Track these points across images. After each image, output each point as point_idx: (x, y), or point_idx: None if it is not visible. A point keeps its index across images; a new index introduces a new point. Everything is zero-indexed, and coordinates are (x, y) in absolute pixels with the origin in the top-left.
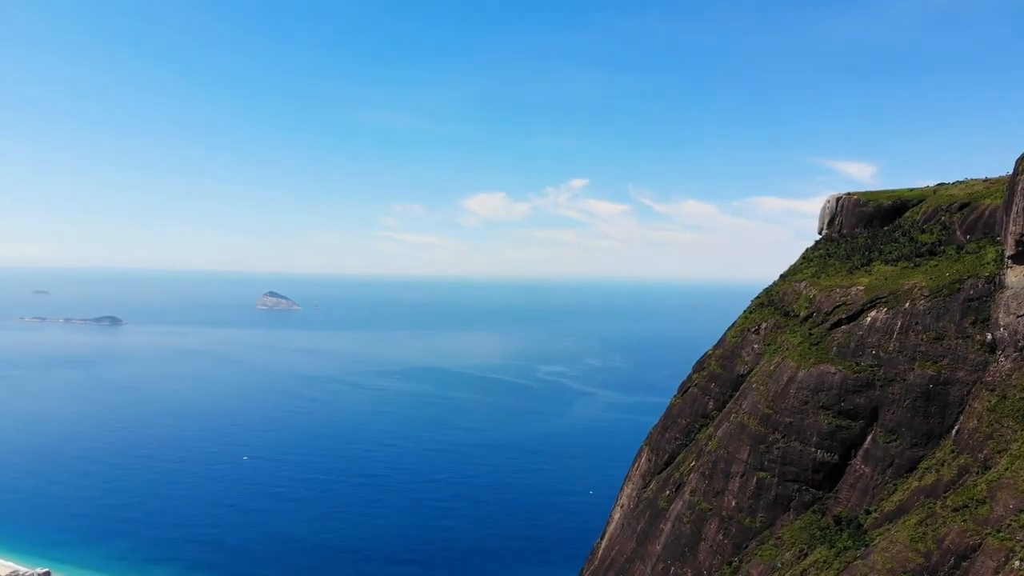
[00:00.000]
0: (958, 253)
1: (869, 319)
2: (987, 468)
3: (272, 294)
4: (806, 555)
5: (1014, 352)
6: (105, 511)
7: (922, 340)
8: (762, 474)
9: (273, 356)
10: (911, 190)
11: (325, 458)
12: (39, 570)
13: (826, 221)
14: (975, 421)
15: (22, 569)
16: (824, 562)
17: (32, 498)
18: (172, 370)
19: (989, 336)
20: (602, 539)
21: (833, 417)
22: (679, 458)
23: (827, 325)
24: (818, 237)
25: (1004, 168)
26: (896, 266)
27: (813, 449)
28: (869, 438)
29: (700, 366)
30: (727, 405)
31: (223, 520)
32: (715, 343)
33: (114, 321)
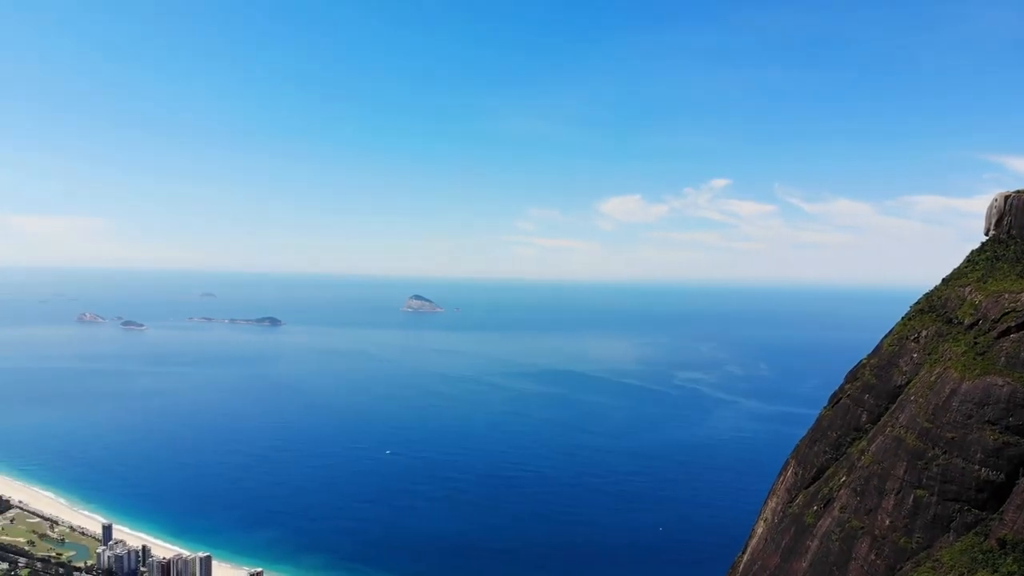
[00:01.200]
0: None
1: None
2: None
3: (417, 297)
4: None
5: None
6: (260, 501)
7: None
8: (920, 492)
9: (416, 356)
10: None
11: (462, 456)
12: (200, 554)
13: (993, 221)
14: None
15: (185, 553)
16: None
17: (195, 486)
18: (324, 367)
19: None
20: (744, 553)
21: (1000, 433)
22: (828, 472)
23: (994, 333)
24: (984, 238)
25: None
26: None
27: (977, 467)
28: None
29: (853, 376)
30: (882, 418)
31: (366, 513)
32: (870, 352)
33: (274, 322)
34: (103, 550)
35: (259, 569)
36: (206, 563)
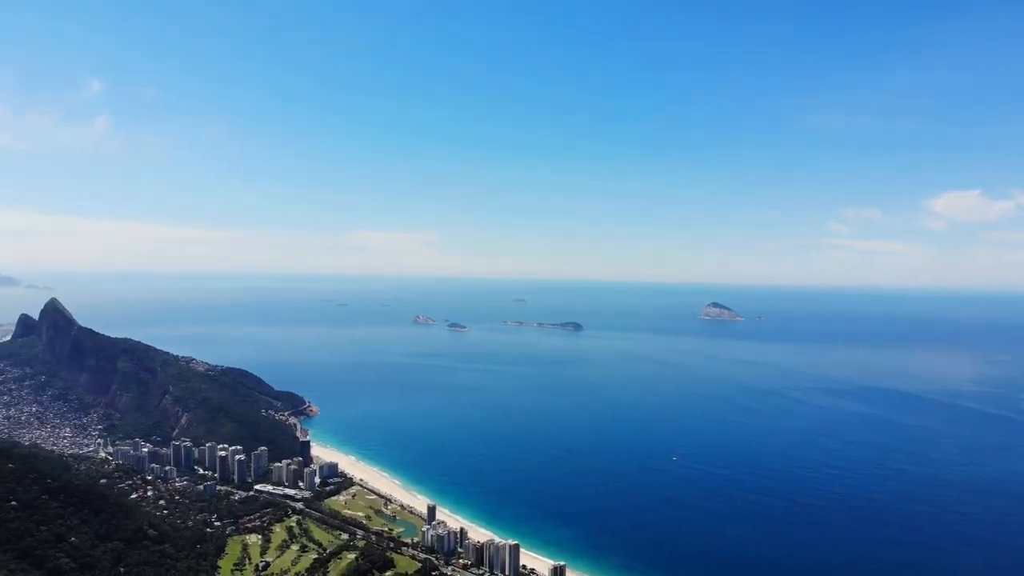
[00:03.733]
0: None
1: None
2: None
3: (715, 304)
4: None
5: None
6: (563, 493)
7: None
8: None
9: (713, 365)
10: None
11: (753, 473)
12: (510, 542)
13: None
14: None
15: (497, 539)
16: None
17: (507, 477)
18: (620, 372)
19: None
20: None
21: None
22: None
23: None
24: None
25: None
26: None
27: None
28: None
29: None
30: None
31: (650, 519)
32: None
33: (576, 327)
34: (427, 529)
35: (562, 563)
36: (515, 551)
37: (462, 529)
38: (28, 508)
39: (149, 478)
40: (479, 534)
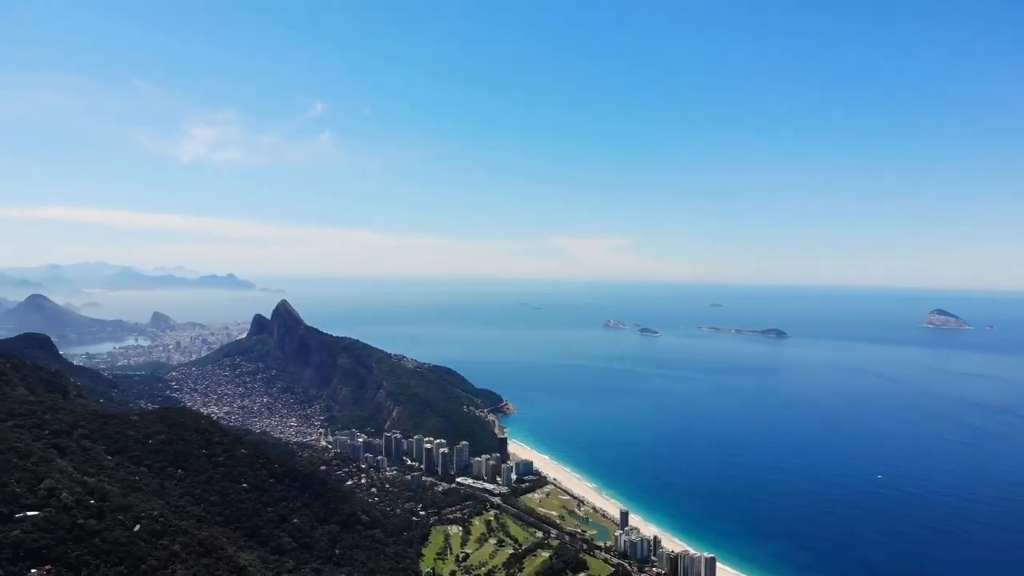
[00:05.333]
0: None
1: None
2: None
3: (939, 312)
4: None
5: None
6: (760, 507)
7: None
8: None
9: (937, 378)
10: None
11: (984, 502)
12: (706, 555)
13: None
14: None
15: (692, 550)
16: None
17: (701, 486)
18: (826, 382)
19: None
20: None
21: None
22: None
23: None
24: None
25: None
26: None
27: None
28: None
29: None
30: None
31: (861, 544)
32: None
33: (779, 334)
34: (620, 534)
35: None
36: (711, 564)
37: (656, 537)
38: (257, 490)
39: (363, 466)
40: (673, 543)
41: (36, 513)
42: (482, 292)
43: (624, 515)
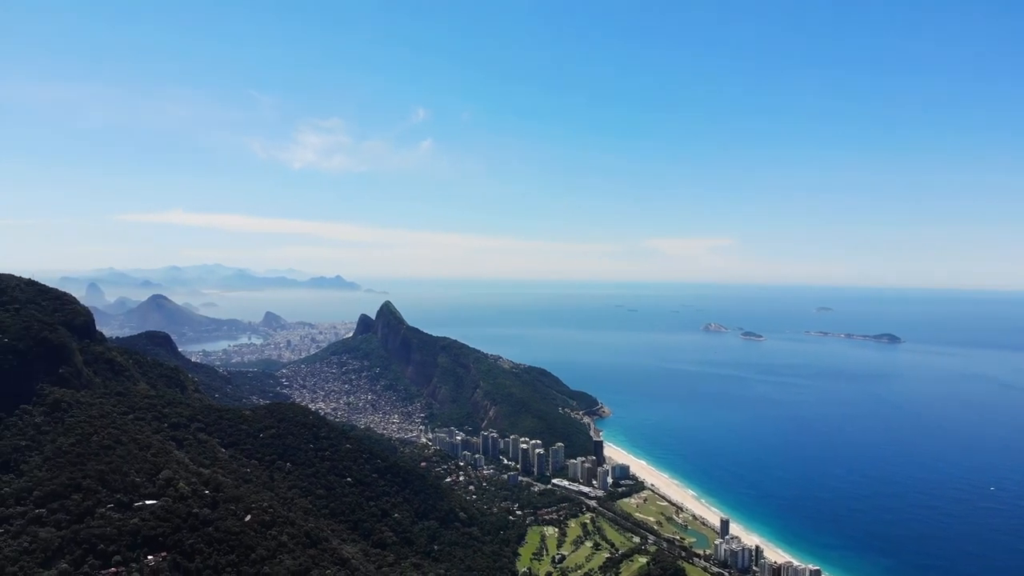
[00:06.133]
0: None
1: None
2: None
3: None
4: None
5: None
6: (870, 523)
7: None
8: None
9: None
10: None
11: None
12: (811, 567)
13: None
14: None
15: (796, 562)
16: None
17: (805, 496)
18: (944, 391)
19: None
20: None
21: None
22: None
23: None
24: None
25: None
26: None
27: None
28: None
29: None
30: None
31: (971, 556)
32: None
33: (892, 339)
34: (720, 543)
35: None
36: None
37: (757, 547)
38: (360, 484)
39: (461, 464)
40: (776, 554)
41: (154, 502)
42: (577, 294)
43: (724, 523)
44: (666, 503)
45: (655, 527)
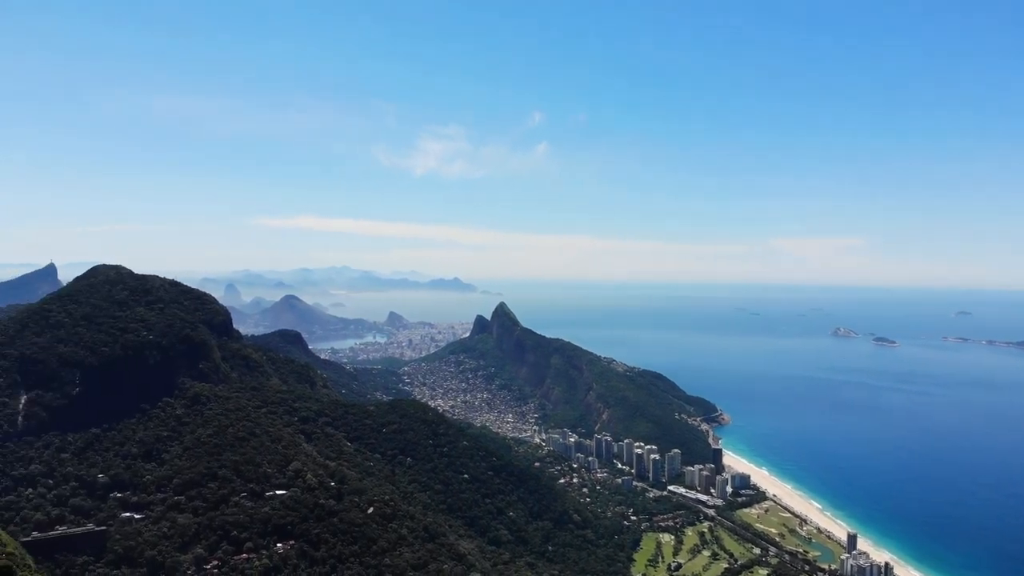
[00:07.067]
0: None
1: None
2: None
3: None
4: None
5: None
6: (1014, 546)
7: None
8: None
9: None
10: None
11: None
12: None
13: None
14: None
15: None
16: None
17: (942, 513)
18: None
19: None
20: None
21: None
22: None
23: None
24: None
25: None
26: None
27: None
28: None
29: None
30: None
31: None
32: None
33: None
34: (847, 558)
35: None
36: None
37: (887, 564)
38: (476, 481)
39: (575, 466)
40: (907, 573)
41: (284, 492)
42: (697, 296)
43: (852, 538)
44: (789, 515)
45: (777, 539)
